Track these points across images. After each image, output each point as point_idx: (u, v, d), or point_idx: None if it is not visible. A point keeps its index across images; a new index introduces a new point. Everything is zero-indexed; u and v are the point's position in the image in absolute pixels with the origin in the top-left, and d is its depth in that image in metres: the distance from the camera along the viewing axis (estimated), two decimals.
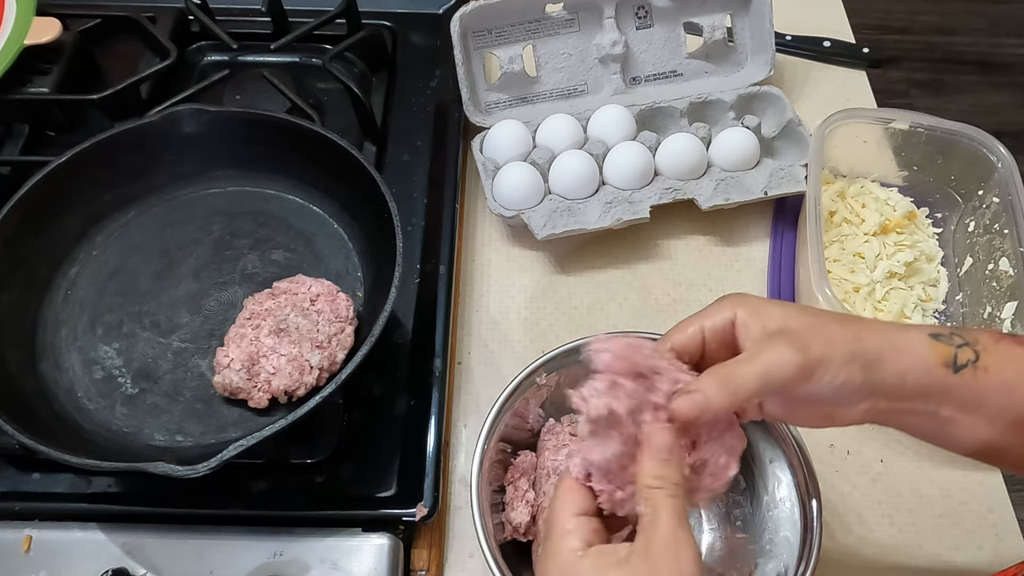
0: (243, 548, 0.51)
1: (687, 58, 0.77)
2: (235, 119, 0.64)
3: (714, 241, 0.73)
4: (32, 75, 0.69)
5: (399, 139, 0.72)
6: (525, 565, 0.51)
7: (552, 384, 0.55)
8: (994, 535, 0.58)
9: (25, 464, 0.54)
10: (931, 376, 0.37)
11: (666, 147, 0.71)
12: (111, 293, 0.60)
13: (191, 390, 0.55)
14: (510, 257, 0.72)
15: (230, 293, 0.60)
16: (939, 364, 0.37)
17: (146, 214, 0.64)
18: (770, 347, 0.37)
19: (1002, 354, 0.38)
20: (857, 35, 0.89)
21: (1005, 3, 0.97)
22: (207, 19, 0.76)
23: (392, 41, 0.79)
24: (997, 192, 0.66)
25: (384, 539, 0.52)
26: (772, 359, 0.37)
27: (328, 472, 0.55)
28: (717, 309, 0.41)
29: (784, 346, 0.37)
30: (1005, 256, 0.64)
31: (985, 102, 0.88)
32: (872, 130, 0.70)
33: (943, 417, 0.38)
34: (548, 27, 0.73)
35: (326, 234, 0.63)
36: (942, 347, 0.38)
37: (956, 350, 0.38)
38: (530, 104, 0.75)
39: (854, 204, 0.72)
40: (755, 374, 0.37)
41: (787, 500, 0.51)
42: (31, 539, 0.51)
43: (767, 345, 0.38)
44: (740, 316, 0.40)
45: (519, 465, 0.55)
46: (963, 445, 0.39)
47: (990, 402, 0.37)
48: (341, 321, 0.56)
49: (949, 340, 0.38)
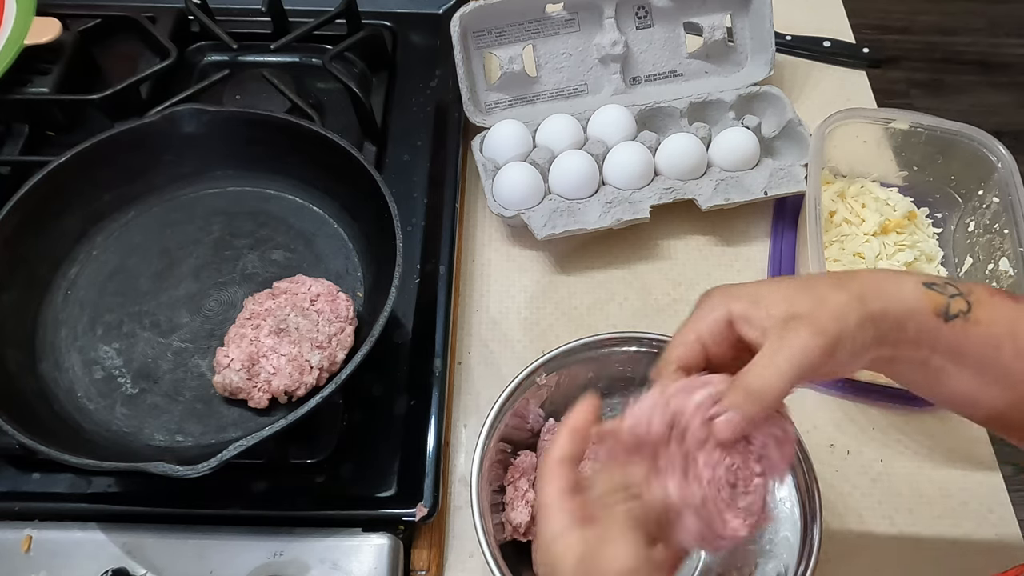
0: (243, 548, 0.51)
1: (687, 58, 0.77)
2: (235, 119, 0.64)
3: (714, 241, 0.73)
4: (32, 75, 0.69)
5: (399, 139, 0.72)
6: (525, 565, 0.51)
7: (552, 384, 0.55)
8: (994, 535, 0.58)
9: (25, 464, 0.54)
10: (924, 323, 0.37)
11: (666, 147, 0.71)
12: (111, 293, 0.60)
13: (191, 390, 0.55)
14: (510, 257, 0.72)
15: (230, 293, 0.60)
16: (931, 312, 0.37)
17: (146, 214, 0.64)
18: (789, 338, 0.36)
19: (995, 308, 0.38)
20: (857, 35, 0.89)
21: (1005, 3, 0.97)
22: (207, 19, 0.76)
23: (392, 41, 0.79)
24: (997, 192, 0.66)
25: (384, 539, 0.52)
26: (796, 351, 0.36)
27: (328, 472, 0.55)
28: (708, 310, 0.39)
29: (804, 333, 0.36)
30: (1005, 256, 0.64)
31: (985, 102, 0.88)
32: (872, 130, 0.70)
33: (934, 366, 0.38)
34: (548, 27, 0.73)
35: (326, 234, 0.63)
36: (935, 295, 0.37)
37: (949, 300, 0.37)
38: (530, 104, 0.75)
39: (854, 204, 0.72)
40: (783, 372, 0.36)
41: (787, 500, 0.51)
42: (31, 539, 0.51)
43: (784, 336, 0.36)
44: (736, 311, 0.38)
45: (519, 465, 0.55)
46: (955, 399, 0.39)
47: (977, 354, 0.37)
48: (341, 321, 0.56)
49: (943, 289, 0.38)
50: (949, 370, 0.38)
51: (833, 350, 0.36)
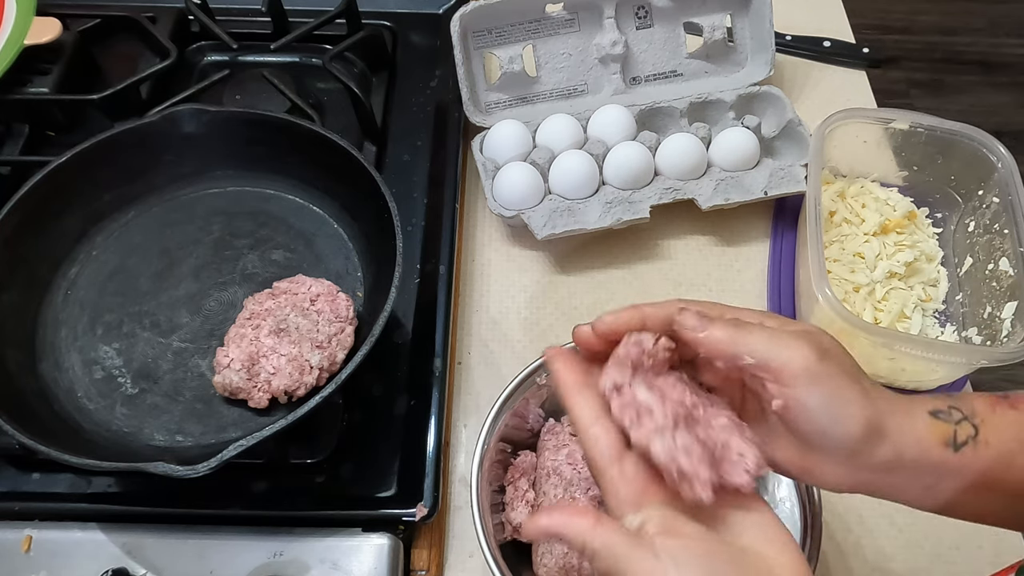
0: (243, 548, 0.51)
1: (687, 58, 0.77)
2: (235, 119, 0.64)
3: (714, 241, 0.73)
4: (32, 75, 0.69)
5: (399, 139, 0.72)
6: (525, 565, 0.51)
7: (552, 384, 0.55)
8: (994, 535, 0.58)
9: (25, 464, 0.54)
10: (929, 455, 0.36)
11: (666, 147, 0.71)
12: (111, 293, 0.60)
13: (191, 390, 0.55)
14: (510, 257, 0.72)
15: (230, 293, 0.60)
16: (939, 444, 0.36)
17: (146, 214, 0.64)
18: (791, 341, 0.35)
19: (999, 422, 0.37)
20: (857, 35, 0.89)
21: (1005, 3, 0.97)
22: (207, 19, 0.76)
23: (392, 41, 0.79)
24: (997, 192, 0.66)
25: (384, 539, 0.52)
26: (789, 353, 0.35)
27: (328, 472, 0.55)
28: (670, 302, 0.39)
29: (804, 347, 0.35)
30: (1005, 256, 0.64)
31: (985, 102, 0.88)
32: (872, 130, 0.70)
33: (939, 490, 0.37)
34: (548, 27, 0.73)
35: (326, 234, 0.63)
36: (942, 426, 0.36)
37: (955, 427, 0.36)
38: (530, 104, 0.75)
39: (854, 204, 0.72)
40: (763, 339, 0.35)
41: (787, 500, 0.51)
42: (31, 539, 0.51)
43: (788, 336, 0.35)
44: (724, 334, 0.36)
45: (519, 465, 0.55)
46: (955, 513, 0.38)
47: (986, 474, 0.36)
48: (341, 321, 0.56)
49: (948, 416, 0.36)
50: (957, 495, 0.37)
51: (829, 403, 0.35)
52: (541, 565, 0.50)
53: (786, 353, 0.35)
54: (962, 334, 0.66)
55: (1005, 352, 0.56)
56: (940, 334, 0.67)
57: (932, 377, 0.63)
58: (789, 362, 0.35)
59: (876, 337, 0.57)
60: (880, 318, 0.66)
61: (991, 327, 0.63)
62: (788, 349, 0.35)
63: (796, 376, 0.35)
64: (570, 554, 0.49)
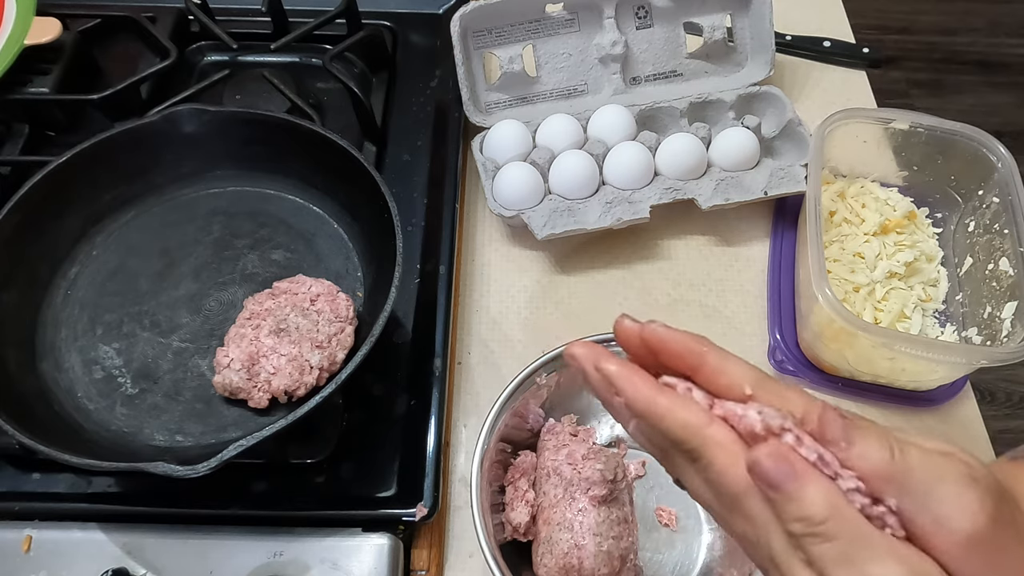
0: (243, 548, 0.51)
1: (687, 58, 0.77)
2: (235, 119, 0.64)
3: (714, 241, 0.73)
4: (32, 75, 0.69)
5: (399, 139, 0.72)
6: (525, 565, 0.51)
7: (552, 384, 0.55)
8: None
9: (25, 464, 0.54)
10: None
11: (666, 147, 0.71)
12: (111, 293, 0.60)
13: (191, 390, 0.55)
14: (510, 257, 0.72)
15: (230, 293, 0.60)
16: None
17: (146, 214, 0.64)
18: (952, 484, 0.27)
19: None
20: (857, 35, 0.89)
21: (1005, 3, 0.97)
22: (207, 19, 0.76)
23: (392, 41, 0.79)
24: (997, 192, 0.66)
25: (384, 539, 0.52)
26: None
27: (328, 472, 0.55)
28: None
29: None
30: (1005, 256, 0.64)
31: (985, 102, 0.88)
32: (872, 130, 0.70)
33: None
34: (548, 27, 0.73)
35: (326, 234, 0.63)
36: None
37: None
38: (530, 104, 0.75)
39: (854, 204, 0.72)
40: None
41: None
42: (31, 539, 0.51)
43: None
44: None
45: (519, 465, 0.55)
46: None
47: None
48: (341, 321, 0.56)
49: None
50: None
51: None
52: (541, 565, 0.50)
53: (948, 503, 0.26)
54: (962, 334, 0.66)
55: (1005, 352, 0.56)
56: (940, 334, 0.67)
57: (932, 377, 0.63)
58: (949, 518, 0.26)
59: (876, 337, 0.57)
60: (880, 318, 0.66)
61: (991, 327, 0.63)
62: (951, 497, 0.26)
63: (954, 539, 0.26)
64: (570, 554, 0.49)
